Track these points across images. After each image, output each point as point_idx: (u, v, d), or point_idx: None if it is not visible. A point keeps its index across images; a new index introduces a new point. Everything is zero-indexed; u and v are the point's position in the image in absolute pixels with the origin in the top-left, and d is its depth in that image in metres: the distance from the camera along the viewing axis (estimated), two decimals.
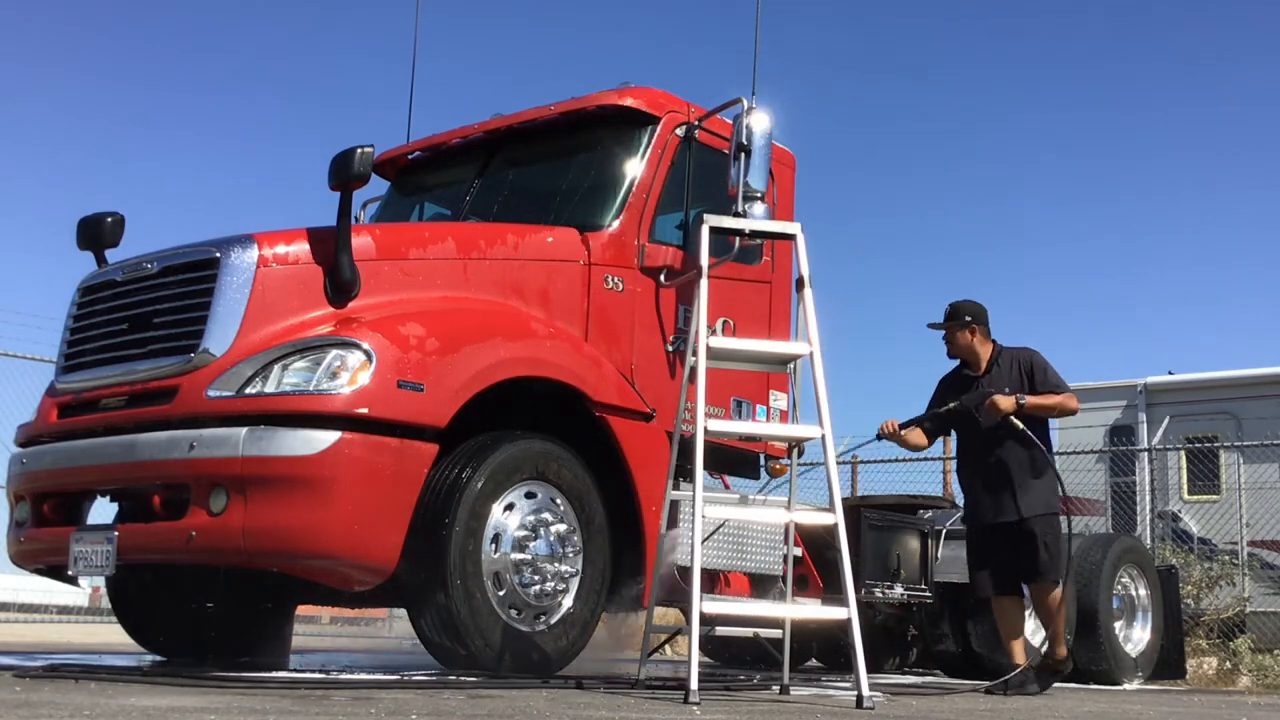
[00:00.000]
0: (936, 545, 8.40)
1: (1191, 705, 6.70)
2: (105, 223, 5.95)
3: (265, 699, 3.87)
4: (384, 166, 7.48)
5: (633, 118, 6.59)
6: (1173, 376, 14.32)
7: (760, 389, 6.89)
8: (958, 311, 7.00)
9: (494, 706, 3.92)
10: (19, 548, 5.86)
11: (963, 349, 7.03)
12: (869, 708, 4.61)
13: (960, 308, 7.01)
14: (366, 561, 5.02)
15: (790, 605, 5.64)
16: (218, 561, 5.25)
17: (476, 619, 5.20)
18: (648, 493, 5.88)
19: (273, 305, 5.27)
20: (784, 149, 7.10)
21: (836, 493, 4.97)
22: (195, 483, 4.96)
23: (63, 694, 3.81)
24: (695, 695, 4.44)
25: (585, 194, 6.58)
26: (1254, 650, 11.04)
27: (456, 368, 5.29)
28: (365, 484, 4.94)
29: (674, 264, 6.41)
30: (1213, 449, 13.34)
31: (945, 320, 7.03)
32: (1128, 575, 9.20)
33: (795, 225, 5.50)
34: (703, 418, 5.00)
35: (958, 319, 6.98)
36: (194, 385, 5.13)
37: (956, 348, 7.05)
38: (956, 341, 7.02)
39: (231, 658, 6.31)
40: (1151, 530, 13.14)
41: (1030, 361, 6.90)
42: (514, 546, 5.42)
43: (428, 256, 5.83)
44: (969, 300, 7.07)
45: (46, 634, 13.32)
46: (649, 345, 6.34)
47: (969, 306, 7.02)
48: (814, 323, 5.17)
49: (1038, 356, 6.95)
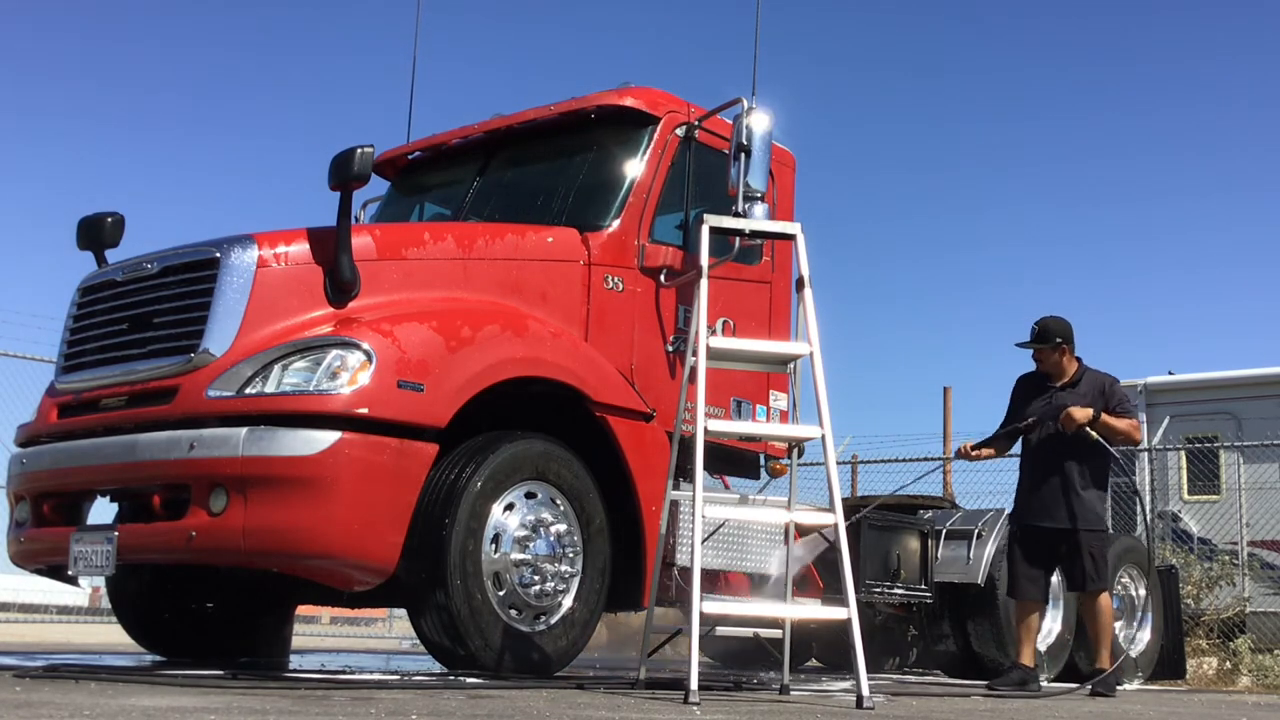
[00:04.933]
0: (936, 545, 8.39)
1: (1191, 705, 6.71)
2: (105, 223, 5.95)
3: (265, 699, 3.87)
4: (384, 166, 7.48)
5: (633, 118, 6.59)
6: (1173, 376, 14.31)
7: (760, 389, 6.89)
8: (1048, 333, 7.20)
9: (494, 707, 3.92)
10: (19, 548, 5.86)
11: (1051, 366, 7.27)
12: (869, 708, 4.61)
13: (1050, 328, 7.21)
14: (366, 561, 5.02)
15: (790, 605, 5.64)
16: (218, 561, 5.25)
17: (476, 619, 5.20)
18: (648, 493, 5.88)
19: (273, 305, 5.27)
20: (784, 149, 7.10)
21: (836, 493, 4.97)
22: (195, 483, 4.96)
23: (63, 694, 3.80)
24: (695, 695, 4.44)
25: (585, 194, 6.58)
26: (1254, 650, 11.04)
27: (456, 368, 5.29)
28: (365, 484, 4.94)
29: (674, 264, 6.41)
30: (1213, 449, 13.34)
31: (1034, 340, 7.25)
32: (1127, 575, 9.21)
33: (795, 225, 5.50)
34: (703, 418, 4.99)
35: (1048, 340, 7.20)
36: (194, 385, 5.13)
37: (1046, 364, 7.29)
38: (1046, 360, 7.27)
39: (231, 658, 6.31)
40: (1152, 530, 13.14)
41: (1110, 386, 7.21)
42: (514, 546, 5.42)
43: (428, 256, 5.83)
44: (1056, 318, 7.26)
45: (46, 634, 13.32)
46: (649, 345, 6.34)
47: (1058, 327, 7.22)
48: (814, 323, 5.17)
49: (1118, 384, 7.28)
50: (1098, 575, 6.99)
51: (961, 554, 8.35)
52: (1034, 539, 7.09)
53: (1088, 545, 6.94)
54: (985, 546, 8.27)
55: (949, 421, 14.16)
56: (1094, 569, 6.96)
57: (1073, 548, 6.96)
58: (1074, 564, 7.00)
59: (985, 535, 8.34)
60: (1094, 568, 6.96)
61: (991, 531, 8.39)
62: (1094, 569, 6.96)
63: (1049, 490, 7.02)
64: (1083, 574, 6.98)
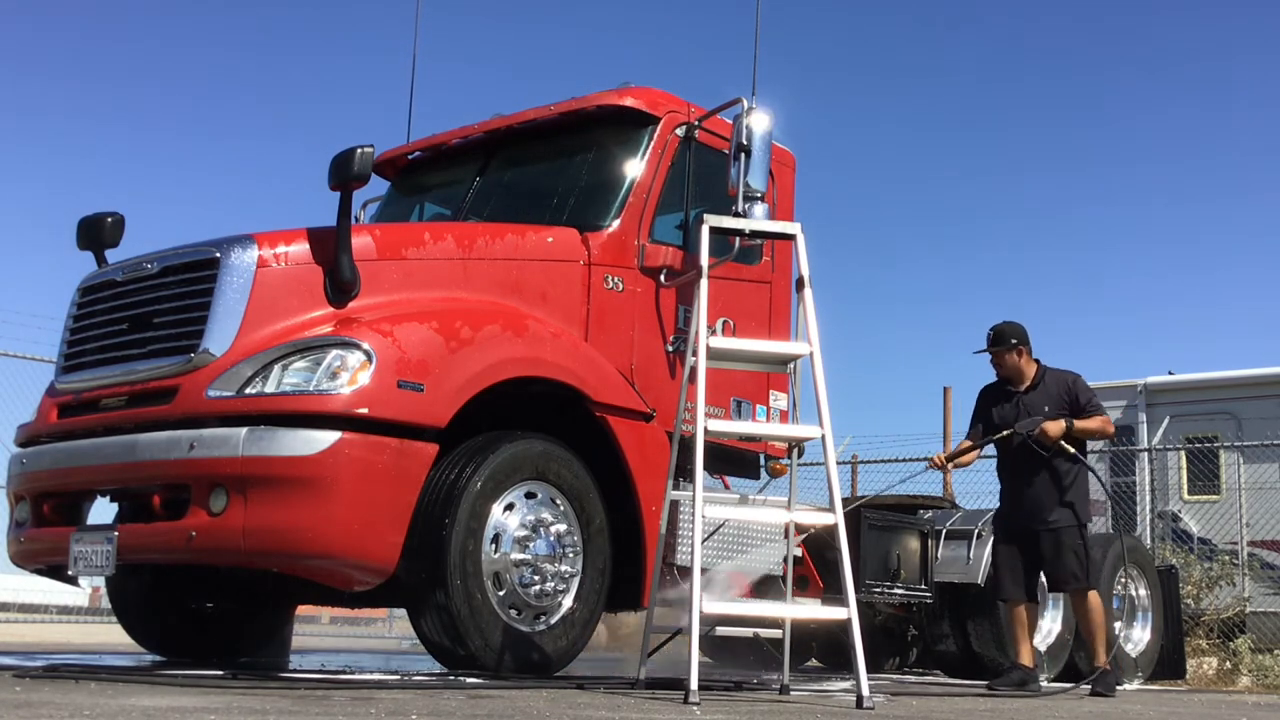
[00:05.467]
0: (936, 545, 8.40)
1: (1191, 705, 6.71)
2: (105, 223, 5.95)
3: (265, 699, 3.87)
4: (384, 166, 7.48)
5: (633, 118, 6.59)
6: (1173, 376, 14.32)
7: (760, 389, 6.89)
8: (1002, 336, 7.28)
9: (494, 707, 3.92)
10: (19, 548, 5.86)
11: (1010, 369, 7.31)
12: (869, 708, 4.61)
13: (1004, 331, 7.28)
14: (366, 561, 5.02)
15: (790, 605, 5.64)
16: (218, 561, 5.25)
17: (476, 619, 5.20)
18: (648, 493, 5.88)
19: (273, 305, 5.27)
20: (784, 149, 7.10)
21: (836, 493, 4.97)
22: (195, 483, 4.96)
23: (63, 694, 3.80)
24: (695, 695, 4.44)
25: (585, 194, 6.58)
26: (1254, 650, 11.05)
27: (456, 368, 5.29)
28: (365, 484, 4.94)
29: (674, 264, 6.41)
30: (1213, 449, 13.34)
31: (991, 345, 7.31)
32: (1128, 575, 9.20)
33: (795, 225, 5.50)
34: (703, 418, 4.99)
35: (1003, 343, 7.26)
36: (194, 385, 5.13)
37: (1005, 369, 7.35)
38: (1005, 363, 7.32)
39: (231, 658, 6.31)
40: (1152, 530, 13.14)
41: (1074, 384, 7.24)
42: (514, 546, 5.42)
43: (428, 256, 5.83)
44: (1010, 323, 7.34)
45: (46, 634, 13.33)
46: (649, 345, 6.34)
47: (1012, 329, 7.29)
48: (814, 323, 5.17)
49: (1080, 380, 7.31)
50: (1083, 573, 6.99)
51: (961, 554, 8.35)
52: (1017, 541, 7.15)
53: (1070, 543, 6.96)
54: (985, 546, 8.27)
55: (949, 421, 14.15)
56: (1078, 567, 6.97)
57: (1055, 548, 6.98)
58: (1057, 564, 7.02)
59: (985, 535, 8.34)
60: (1078, 566, 6.97)
61: (991, 532, 8.39)
62: (1078, 567, 6.97)
63: (1030, 494, 7.09)
64: (1067, 573, 6.99)
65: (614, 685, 5.23)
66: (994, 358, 7.31)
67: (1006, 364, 7.27)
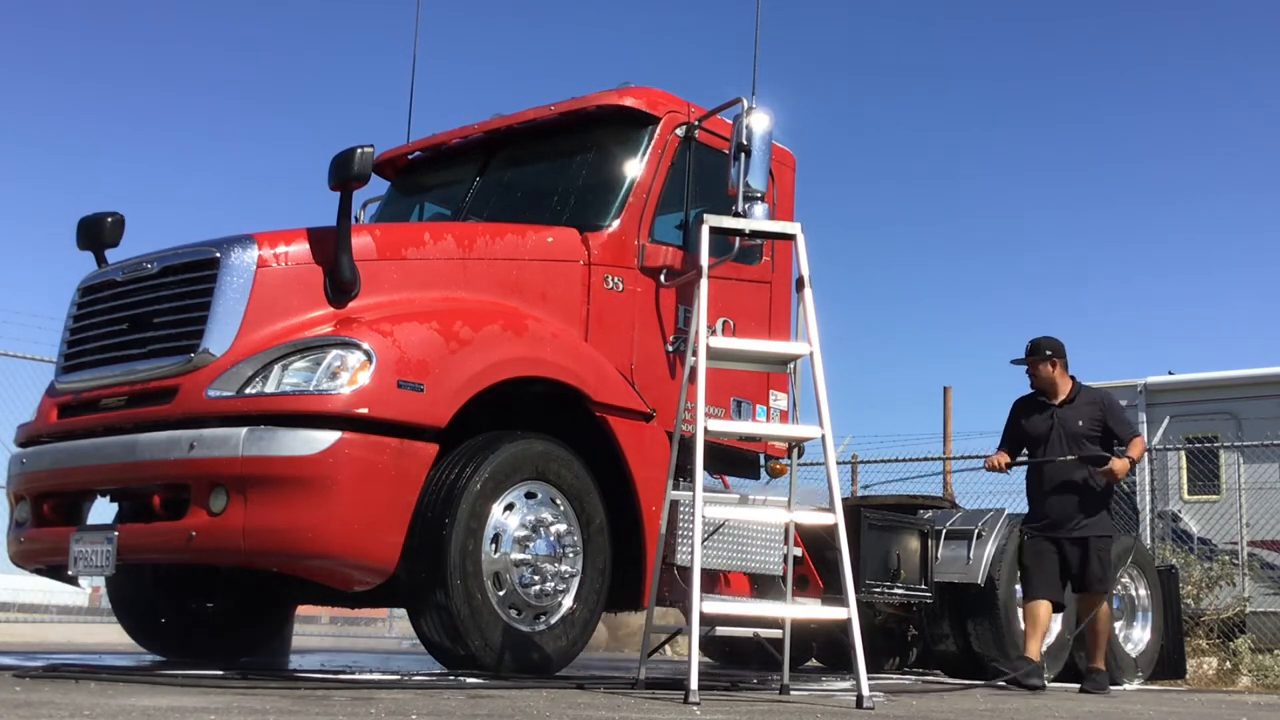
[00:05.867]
0: (936, 545, 8.39)
1: (1191, 705, 6.72)
2: (105, 223, 5.95)
3: (265, 699, 3.87)
4: (384, 166, 7.48)
5: (632, 118, 6.59)
6: (1173, 376, 14.31)
7: (760, 389, 6.89)
8: (1038, 347, 7.61)
9: (494, 707, 3.92)
10: (19, 548, 5.86)
11: (1044, 380, 7.62)
12: (869, 708, 4.61)
13: (1041, 344, 7.61)
14: (366, 561, 5.02)
15: (790, 605, 5.64)
16: (218, 561, 5.25)
17: (476, 619, 5.20)
18: (648, 493, 5.88)
19: (273, 305, 5.27)
20: (784, 149, 7.10)
21: (836, 493, 4.97)
22: (195, 483, 4.96)
23: (63, 694, 3.80)
24: (695, 695, 4.44)
25: (585, 194, 6.58)
26: (1254, 650, 11.05)
27: (456, 368, 5.29)
28: (365, 484, 4.94)
29: (674, 264, 6.41)
30: (1213, 449, 13.34)
31: (1028, 355, 7.64)
32: (1128, 575, 9.21)
33: (795, 225, 5.50)
34: (703, 418, 4.99)
35: (1040, 354, 7.59)
36: (194, 385, 5.13)
37: (1039, 380, 7.66)
38: (1039, 374, 7.63)
39: (231, 658, 6.31)
40: (1152, 530, 13.14)
41: (1109, 404, 7.65)
42: (514, 546, 5.42)
43: (428, 256, 5.83)
44: (1048, 337, 7.68)
45: (46, 634, 13.33)
46: (649, 345, 6.34)
47: (1049, 343, 7.62)
48: (814, 323, 5.17)
49: (1115, 401, 7.77)
50: (1104, 577, 7.45)
51: (961, 554, 8.35)
52: (1050, 547, 7.46)
53: (1097, 550, 7.40)
54: (985, 546, 8.28)
55: (949, 421, 14.18)
56: (1101, 571, 7.42)
57: (1084, 553, 7.39)
58: (1085, 568, 7.41)
59: (985, 535, 8.35)
60: (1101, 570, 7.42)
61: (991, 531, 8.39)
62: (1101, 571, 7.42)
63: (1063, 503, 7.44)
64: (1094, 578, 7.42)
65: (614, 685, 5.23)
66: (1029, 368, 7.62)
67: (1041, 375, 7.58)
